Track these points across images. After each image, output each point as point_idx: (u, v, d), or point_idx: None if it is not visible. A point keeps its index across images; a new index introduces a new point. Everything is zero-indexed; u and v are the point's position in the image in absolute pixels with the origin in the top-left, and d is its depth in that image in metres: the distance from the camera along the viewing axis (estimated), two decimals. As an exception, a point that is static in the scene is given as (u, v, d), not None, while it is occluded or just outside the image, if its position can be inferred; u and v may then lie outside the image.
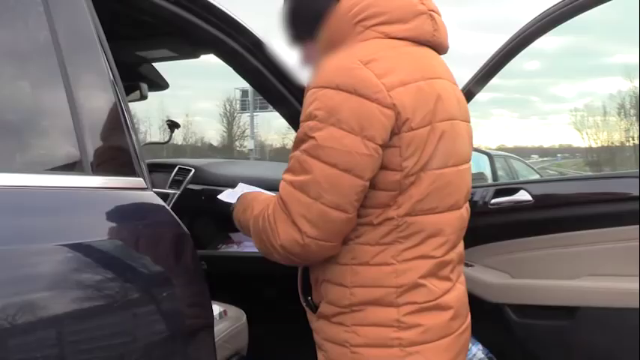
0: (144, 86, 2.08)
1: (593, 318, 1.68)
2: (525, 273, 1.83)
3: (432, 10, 1.16)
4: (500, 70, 1.83)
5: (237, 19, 1.54)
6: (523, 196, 1.80)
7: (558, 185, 2.07)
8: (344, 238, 1.10)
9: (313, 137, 1.03)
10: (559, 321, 1.74)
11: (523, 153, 35.45)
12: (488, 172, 2.70)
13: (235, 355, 1.81)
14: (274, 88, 1.60)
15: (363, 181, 1.04)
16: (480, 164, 2.80)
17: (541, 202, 1.80)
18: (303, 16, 1.19)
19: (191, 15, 1.42)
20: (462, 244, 1.23)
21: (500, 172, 6.50)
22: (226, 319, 1.82)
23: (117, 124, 1.04)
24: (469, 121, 1.24)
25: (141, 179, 1.06)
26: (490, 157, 2.63)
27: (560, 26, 1.75)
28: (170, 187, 2.16)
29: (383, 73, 1.04)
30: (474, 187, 2.05)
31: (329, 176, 1.03)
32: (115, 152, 1.08)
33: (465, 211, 1.23)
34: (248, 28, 1.57)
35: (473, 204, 1.95)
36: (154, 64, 2.12)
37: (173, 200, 2.03)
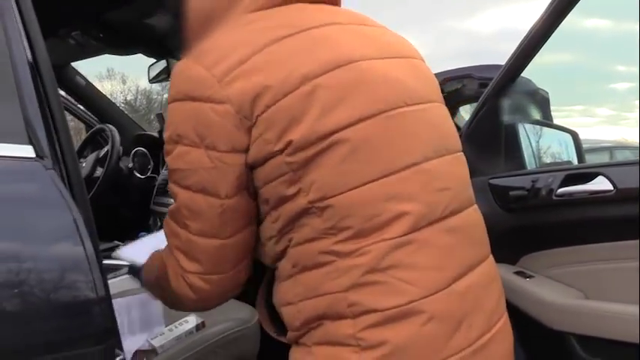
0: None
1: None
2: (604, 292, 1.35)
3: None
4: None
5: None
6: (601, 184, 1.29)
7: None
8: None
9: (168, 161, 0.94)
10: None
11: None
12: (572, 155, 2.18)
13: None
14: None
15: (220, 199, 0.89)
16: (561, 144, 2.27)
17: (627, 192, 1.29)
18: None
19: None
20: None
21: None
22: (230, 321, 1.52)
23: (4, 82, 0.90)
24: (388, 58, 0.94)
25: (30, 147, 0.88)
26: (575, 135, 2.12)
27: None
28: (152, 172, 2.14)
29: (213, 61, 0.87)
30: (537, 173, 1.60)
31: (186, 200, 0.91)
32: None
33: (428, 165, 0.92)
34: None
35: (534, 194, 1.51)
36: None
37: (157, 183, 2.00)
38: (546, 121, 2.24)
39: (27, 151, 0.87)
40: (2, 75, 0.90)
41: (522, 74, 1.93)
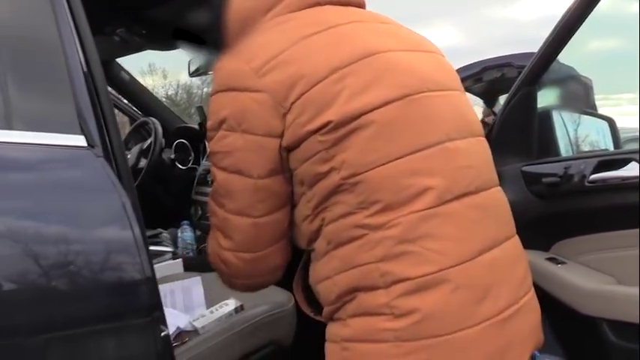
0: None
1: None
2: (637, 278, 1.32)
3: None
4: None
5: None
6: (632, 170, 1.28)
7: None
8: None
9: (209, 146, 1.03)
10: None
11: None
12: (609, 143, 2.11)
13: (271, 344, 1.57)
14: None
15: (253, 179, 0.95)
16: (599, 132, 2.21)
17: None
18: None
19: None
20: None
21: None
22: (268, 304, 1.56)
23: (59, 78, 0.96)
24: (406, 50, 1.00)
25: (81, 137, 0.93)
26: (612, 122, 2.05)
27: None
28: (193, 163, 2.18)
29: (250, 57, 0.94)
30: (569, 160, 1.59)
31: (223, 181, 0.99)
32: (54, 107, 0.95)
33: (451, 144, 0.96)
34: None
35: (566, 181, 1.50)
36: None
37: (198, 173, 2.02)
38: (583, 109, 2.20)
39: (79, 140, 0.93)
40: (57, 72, 0.95)
41: (565, 62, 1.90)
